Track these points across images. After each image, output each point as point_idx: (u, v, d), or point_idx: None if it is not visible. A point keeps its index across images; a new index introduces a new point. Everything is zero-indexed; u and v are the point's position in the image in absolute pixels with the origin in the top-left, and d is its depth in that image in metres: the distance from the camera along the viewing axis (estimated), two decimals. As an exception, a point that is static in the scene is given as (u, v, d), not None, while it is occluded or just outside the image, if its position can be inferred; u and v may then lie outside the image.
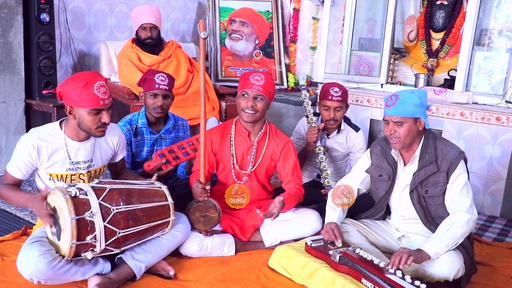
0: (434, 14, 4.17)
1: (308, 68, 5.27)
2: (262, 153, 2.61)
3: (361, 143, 3.06)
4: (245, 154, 2.61)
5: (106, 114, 2.12)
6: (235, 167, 2.61)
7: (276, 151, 2.63)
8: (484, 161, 3.39)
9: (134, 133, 2.80)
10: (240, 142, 2.61)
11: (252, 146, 2.60)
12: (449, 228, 2.10)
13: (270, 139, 2.63)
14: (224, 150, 2.61)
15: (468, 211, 2.15)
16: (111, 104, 2.14)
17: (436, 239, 2.09)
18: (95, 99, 2.06)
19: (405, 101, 2.16)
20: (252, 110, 2.47)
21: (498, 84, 3.64)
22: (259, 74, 2.51)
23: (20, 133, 3.63)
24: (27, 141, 2.12)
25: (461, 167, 2.20)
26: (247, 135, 2.59)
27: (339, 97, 2.90)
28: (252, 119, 2.50)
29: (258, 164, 2.62)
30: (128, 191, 2.11)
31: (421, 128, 2.22)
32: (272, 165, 2.67)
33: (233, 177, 2.62)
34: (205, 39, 2.30)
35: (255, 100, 2.47)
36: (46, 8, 3.64)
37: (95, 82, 2.07)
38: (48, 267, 1.91)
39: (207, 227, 2.44)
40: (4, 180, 2.20)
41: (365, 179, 2.46)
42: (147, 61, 3.81)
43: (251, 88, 2.46)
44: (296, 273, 2.21)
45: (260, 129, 2.61)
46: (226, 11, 5.19)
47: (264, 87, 2.47)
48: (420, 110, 2.18)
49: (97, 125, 2.12)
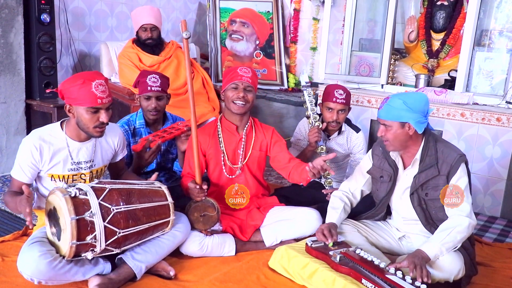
0: (435, 15, 4.17)
1: (309, 69, 5.26)
2: (252, 145, 2.66)
3: (361, 144, 3.06)
4: (235, 149, 2.64)
5: (104, 114, 2.11)
6: (227, 162, 2.63)
7: (265, 141, 2.68)
8: (485, 162, 3.39)
9: (132, 134, 2.80)
10: (228, 137, 2.64)
11: (241, 139, 2.64)
12: (450, 232, 2.10)
13: (257, 131, 2.69)
14: (213, 149, 2.63)
15: (468, 215, 2.15)
16: (110, 103, 2.13)
17: (437, 241, 2.09)
18: (93, 97, 2.06)
19: (391, 105, 2.15)
20: (243, 101, 2.53)
21: (499, 84, 3.64)
22: (245, 67, 2.60)
23: (20, 133, 3.63)
24: (29, 143, 2.12)
25: (462, 170, 2.19)
26: (235, 130, 2.63)
27: (343, 100, 2.90)
28: (243, 110, 2.56)
29: (249, 157, 2.65)
30: (128, 191, 2.11)
31: (411, 133, 2.17)
32: (263, 156, 2.71)
33: (225, 173, 2.63)
34: (188, 39, 2.29)
35: (245, 91, 2.53)
36: (46, 9, 3.64)
37: (93, 80, 2.07)
38: (48, 267, 1.91)
39: (207, 226, 2.44)
40: (11, 187, 2.20)
41: (368, 180, 2.46)
42: (148, 61, 3.82)
43: (241, 80, 2.52)
44: (296, 274, 2.21)
45: (247, 122, 2.67)
46: (227, 12, 5.19)
47: (252, 78, 2.56)
48: (408, 115, 2.13)
49: (95, 124, 2.11)
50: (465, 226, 2.11)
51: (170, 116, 2.95)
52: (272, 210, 2.65)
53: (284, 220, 2.58)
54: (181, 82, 3.86)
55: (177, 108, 3.62)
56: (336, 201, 2.44)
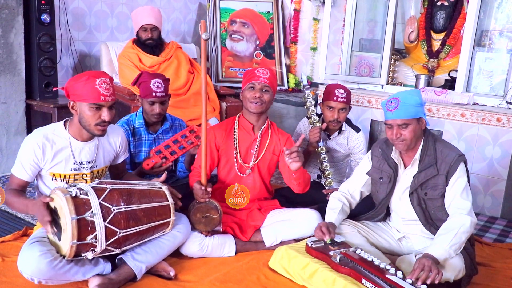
0: (435, 15, 4.17)
1: (309, 69, 5.27)
2: (266, 146, 2.67)
3: (361, 144, 3.07)
4: (249, 148, 2.65)
5: (107, 112, 2.12)
6: (238, 160, 2.64)
7: (278, 146, 2.68)
8: (485, 162, 3.39)
9: (132, 133, 2.80)
10: (243, 136, 2.65)
11: (255, 139, 2.65)
12: (456, 233, 2.08)
13: (273, 134, 2.70)
14: (227, 145, 2.65)
15: (469, 214, 2.14)
16: (112, 102, 2.14)
17: (445, 244, 2.06)
18: (96, 93, 2.07)
19: (406, 103, 2.16)
20: (260, 101, 2.55)
21: (499, 85, 3.64)
22: (264, 68, 2.63)
23: (20, 134, 3.63)
24: (32, 141, 2.12)
25: (461, 170, 2.19)
26: (251, 129, 2.65)
27: (344, 99, 2.91)
28: (260, 109, 2.57)
29: (261, 157, 2.66)
30: (128, 191, 2.11)
31: (423, 127, 2.23)
32: (274, 160, 2.70)
33: (236, 170, 2.64)
34: (207, 41, 2.30)
35: (262, 92, 2.55)
36: (46, 9, 3.64)
37: (98, 77, 2.09)
38: (48, 267, 1.91)
39: (208, 228, 2.44)
40: (10, 185, 2.19)
41: (367, 181, 2.46)
42: (148, 62, 3.81)
43: (258, 80, 2.55)
44: (296, 274, 2.21)
45: (263, 123, 2.67)
46: (227, 12, 5.20)
47: (270, 79, 2.58)
48: (421, 110, 2.20)
49: (96, 121, 2.12)
50: (468, 225, 2.10)
51: (169, 116, 2.95)
52: (272, 211, 2.65)
53: (284, 220, 2.58)
54: (181, 83, 3.86)
55: (177, 108, 3.63)
56: (335, 202, 2.44)
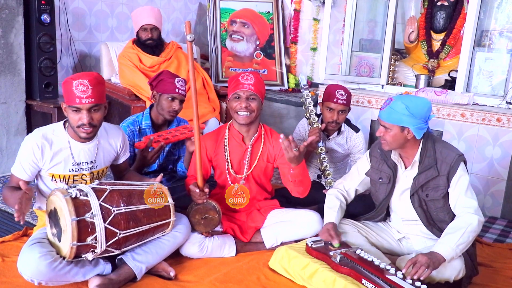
0: (435, 15, 4.17)
1: (309, 69, 5.27)
2: (258, 156, 2.58)
3: (361, 144, 3.07)
4: (241, 159, 2.58)
5: (85, 115, 2.08)
6: (231, 172, 2.58)
7: (272, 153, 2.60)
8: (485, 162, 3.39)
9: (138, 134, 2.79)
10: (234, 146, 2.58)
11: (246, 149, 2.57)
12: (463, 232, 2.07)
13: (266, 142, 2.60)
14: (219, 156, 2.59)
15: (476, 213, 2.13)
16: (92, 105, 2.08)
17: (452, 243, 2.05)
18: (71, 95, 2.06)
19: (393, 108, 2.14)
20: (247, 111, 2.44)
21: (499, 85, 3.64)
22: (248, 73, 2.48)
23: (20, 134, 3.63)
24: (31, 140, 2.13)
25: (462, 169, 2.19)
26: (241, 139, 2.56)
27: (344, 101, 2.91)
28: (248, 120, 2.47)
29: (253, 167, 2.60)
30: (128, 192, 2.11)
31: (409, 137, 2.17)
32: (270, 167, 2.64)
33: (229, 182, 2.60)
34: (192, 42, 2.22)
35: (248, 101, 2.43)
36: (46, 9, 3.64)
37: (76, 79, 2.06)
38: (48, 268, 1.91)
39: (208, 228, 2.44)
40: (9, 183, 2.20)
41: (363, 180, 2.46)
42: (148, 62, 3.82)
43: (243, 89, 2.42)
44: (296, 274, 2.21)
45: (254, 133, 2.57)
46: (227, 12, 5.20)
47: (255, 85, 2.44)
48: (409, 120, 2.12)
49: (77, 123, 2.10)
50: (476, 224, 2.09)
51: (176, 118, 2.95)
52: (273, 212, 2.64)
53: (284, 221, 2.57)
54: (181, 83, 3.85)
55: (177, 108, 3.62)
56: (332, 199, 2.43)
